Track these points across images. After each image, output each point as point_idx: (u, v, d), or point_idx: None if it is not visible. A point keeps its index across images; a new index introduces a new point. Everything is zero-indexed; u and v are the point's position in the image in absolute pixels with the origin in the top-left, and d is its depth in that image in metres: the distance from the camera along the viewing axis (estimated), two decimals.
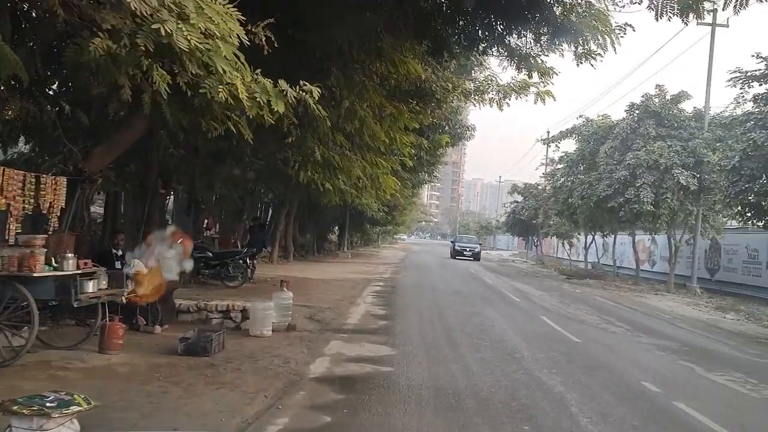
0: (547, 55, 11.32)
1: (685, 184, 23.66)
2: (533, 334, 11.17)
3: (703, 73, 26.96)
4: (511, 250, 77.92)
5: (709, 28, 26.46)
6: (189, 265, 11.31)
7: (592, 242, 39.23)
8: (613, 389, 7.32)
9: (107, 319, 7.46)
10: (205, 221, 17.46)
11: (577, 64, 10.94)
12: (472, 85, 14.13)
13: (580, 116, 31.50)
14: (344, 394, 6.46)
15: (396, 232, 78.10)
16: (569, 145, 35.51)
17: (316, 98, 5.46)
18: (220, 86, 4.71)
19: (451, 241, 52.19)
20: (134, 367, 6.76)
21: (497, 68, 16.02)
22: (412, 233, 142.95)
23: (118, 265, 9.27)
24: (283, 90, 5.21)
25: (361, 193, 15.66)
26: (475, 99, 14.37)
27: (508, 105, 14.27)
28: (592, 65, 10.84)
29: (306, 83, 5.41)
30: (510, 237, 79.15)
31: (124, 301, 8.77)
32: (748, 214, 16.30)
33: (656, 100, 26.54)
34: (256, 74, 5.34)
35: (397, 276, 24.01)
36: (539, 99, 13.54)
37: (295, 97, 5.36)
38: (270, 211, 33.01)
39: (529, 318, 13.53)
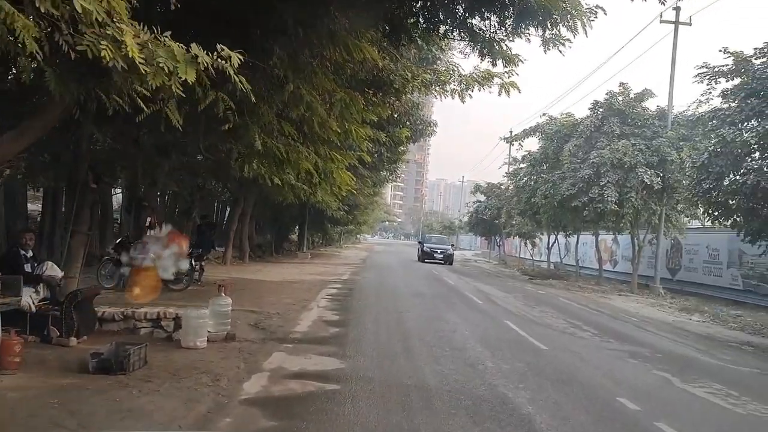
0: (512, 41, 10.51)
1: (649, 183, 23.35)
2: (497, 341, 10.35)
3: (666, 71, 26.77)
4: (473, 249, 77.81)
5: (672, 26, 26.27)
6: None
7: (554, 242, 38.92)
8: (587, 407, 6.50)
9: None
10: (148, 219, 16.19)
11: (545, 50, 10.19)
12: (432, 75, 13.24)
13: (543, 114, 31.04)
14: (278, 419, 5.50)
15: (359, 231, 77.13)
16: (532, 144, 35.12)
17: (236, 66, 4.47)
18: (103, 42, 3.72)
19: (419, 242, 45.92)
20: (27, 392, 5.66)
21: (459, 56, 15.07)
22: (376, 233, 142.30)
23: (27, 267, 8.17)
24: (196, 56, 4.23)
25: (315, 190, 14.66)
26: (436, 90, 13.52)
27: (471, 96, 13.46)
28: (560, 51, 10.10)
29: (224, 48, 4.43)
30: (473, 237, 78.98)
31: (33, 309, 7.68)
32: (715, 214, 15.82)
33: (620, 98, 26.19)
34: (165, 37, 4.35)
35: (357, 278, 23.07)
36: (503, 90, 12.76)
37: (212, 66, 4.37)
38: (227, 210, 31.77)
39: (492, 323, 12.74)
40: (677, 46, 26.10)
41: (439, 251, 39.06)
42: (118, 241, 14.51)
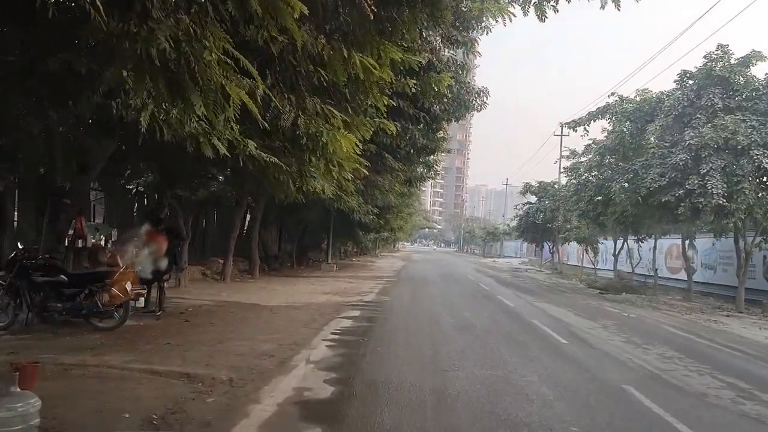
0: None
1: None
2: None
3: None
4: (520, 257, 71.60)
5: None
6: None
7: (621, 248, 32.98)
8: None
9: None
10: (73, 224, 11.34)
11: None
12: None
13: (612, 94, 25.29)
14: None
15: (395, 239, 71.92)
16: (596, 132, 29.58)
17: None
18: None
19: None
20: None
21: None
22: (415, 240, 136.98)
23: None
24: None
25: (305, 170, 9.38)
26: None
27: (556, 10, 8.20)
28: None
29: None
30: (518, 243, 72.87)
31: None
32: None
33: (718, 64, 20.41)
34: None
35: (385, 298, 17.80)
36: None
37: None
38: (248, 218, 26.95)
39: (606, 393, 7.31)
40: None
41: None
42: (11, 256, 9.62)
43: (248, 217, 26.32)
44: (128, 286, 9.70)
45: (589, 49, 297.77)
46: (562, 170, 38.06)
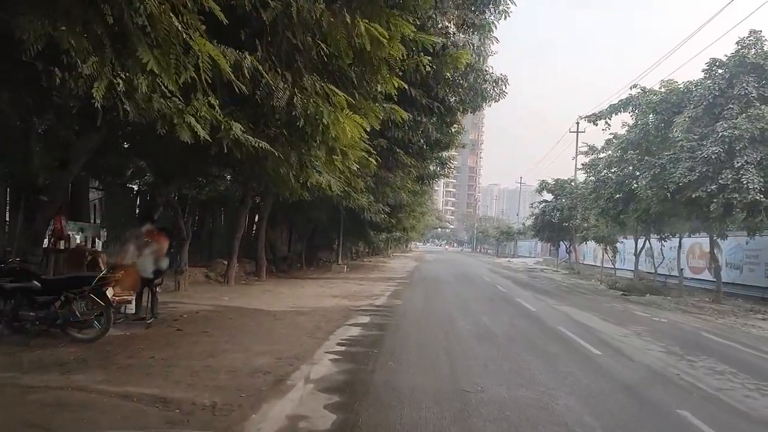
0: None
1: None
2: None
3: None
4: (534, 257, 70.17)
5: None
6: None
7: (642, 247, 31.66)
8: None
9: None
10: (51, 223, 10.34)
11: None
12: None
13: (634, 86, 23.98)
14: None
15: (407, 239, 70.79)
16: (616, 127, 28.22)
17: None
18: None
19: None
20: None
21: None
22: (427, 240, 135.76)
23: None
24: None
25: (304, 160, 8.30)
26: None
27: None
28: None
29: None
30: (532, 243, 71.47)
31: None
32: None
33: (751, 50, 19.14)
34: None
35: (397, 302, 16.71)
36: None
37: None
38: (256, 218, 25.99)
39: (661, 424, 6.11)
40: None
41: None
42: None
43: (257, 216, 25.42)
44: (109, 292, 8.70)
45: (593, 47, 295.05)
46: (579, 167, 36.73)
